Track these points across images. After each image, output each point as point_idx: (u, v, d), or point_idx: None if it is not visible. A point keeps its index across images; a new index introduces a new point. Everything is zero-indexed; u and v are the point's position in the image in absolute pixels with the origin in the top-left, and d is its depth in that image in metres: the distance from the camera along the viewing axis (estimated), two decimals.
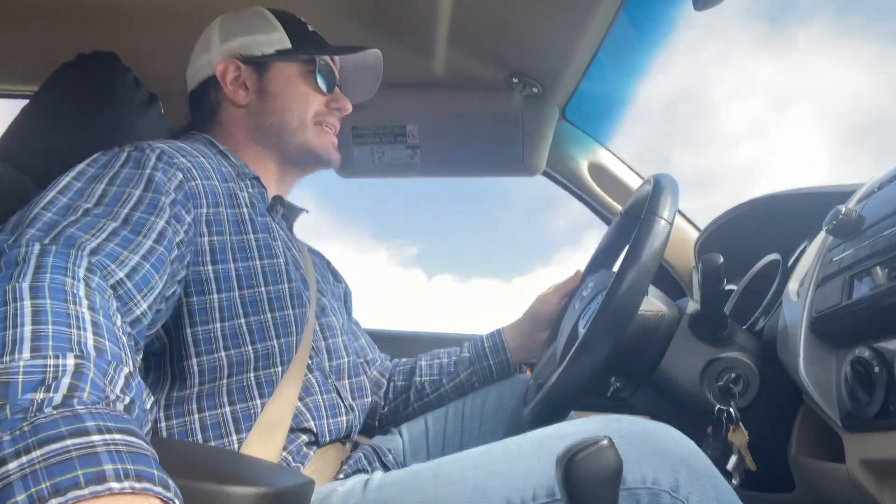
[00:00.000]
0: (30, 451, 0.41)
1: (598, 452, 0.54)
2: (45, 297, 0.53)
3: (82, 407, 0.45)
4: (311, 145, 1.08)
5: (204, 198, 0.86)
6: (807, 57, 39.66)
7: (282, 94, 1.07)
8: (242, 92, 1.06)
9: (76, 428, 0.43)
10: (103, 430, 0.44)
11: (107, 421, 0.45)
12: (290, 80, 1.07)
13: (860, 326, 0.72)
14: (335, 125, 1.12)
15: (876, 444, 0.68)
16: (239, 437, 0.83)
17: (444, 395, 1.22)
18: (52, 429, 0.42)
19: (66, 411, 0.44)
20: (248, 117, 1.07)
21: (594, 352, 0.85)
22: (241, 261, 0.88)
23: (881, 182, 0.85)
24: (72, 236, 0.64)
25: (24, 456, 0.40)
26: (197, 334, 0.81)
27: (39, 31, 1.35)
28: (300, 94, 1.07)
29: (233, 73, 1.06)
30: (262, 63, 1.07)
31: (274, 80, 1.07)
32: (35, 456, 0.41)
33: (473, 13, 1.32)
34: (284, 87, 1.07)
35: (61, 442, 0.42)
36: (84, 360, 0.49)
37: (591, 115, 1.69)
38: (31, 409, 0.43)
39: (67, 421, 0.43)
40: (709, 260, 0.92)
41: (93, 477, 0.40)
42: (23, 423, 0.42)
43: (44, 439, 0.41)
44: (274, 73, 1.07)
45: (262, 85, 1.07)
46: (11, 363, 0.46)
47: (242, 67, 1.07)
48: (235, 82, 1.06)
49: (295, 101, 1.07)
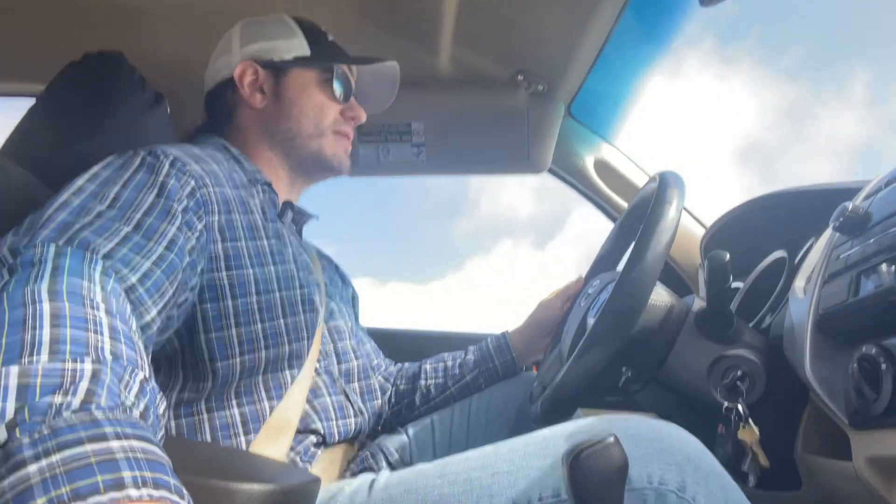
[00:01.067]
0: (49, 455, 0.41)
1: (604, 450, 0.54)
2: (64, 301, 0.53)
3: (100, 412, 0.45)
4: (324, 153, 1.08)
5: (216, 205, 0.86)
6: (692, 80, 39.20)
7: (298, 100, 1.07)
8: (259, 95, 1.07)
9: (95, 433, 0.43)
10: (121, 437, 0.44)
11: (124, 427, 0.45)
12: (307, 86, 1.08)
13: (867, 323, 0.72)
14: (349, 134, 1.12)
15: (883, 442, 0.68)
16: (247, 437, 0.83)
17: (451, 396, 1.23)
18: (71, 433, 0.42)
19: (84, 416, 0.44)
20: (263, 121, 1.07)
21: (605, 341, 0.85)
22: (257, 266, 0.88)
23: (888, 179, 0.84)
24: (85, 239, 0.64)
25: (44, 459, 0.41)
26: (211, 341, 0.82)
27: (46, 30, 1.36)
28: (316, 102, 1.08)
29: (250, 76, 1.07)
30: (280, 68, 1.08)
31: (291, 86, 1.07)
32: (55, 460, 0.41)
33: (479, 10, 1.32)
34: (301, 94, 1.07)
35: (80, 447, 0.42)
36: (101, 364, 0.49)
37: (596, 112, 1.69)
38: (50, 412, 0.44)
39: (86, 426, 0.43)
40: (715, 257, 0.91)
41: (112, 483, 0.40)
42: (42, 427, 0.42)
43: (63, 443, 0.42)
44: (291, 79, 1.08)
45: (279, 90, 1.07)
46: (30, 366, 0.46)
47: (260, 71, 1.07)
48: (252, 85, 1.07)
49: (311, 107, 1.07)
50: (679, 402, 0.97)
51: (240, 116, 1.08)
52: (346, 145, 1.12)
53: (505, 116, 1.59)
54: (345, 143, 1.11)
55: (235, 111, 1.09)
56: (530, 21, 1.35)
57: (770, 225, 1.22)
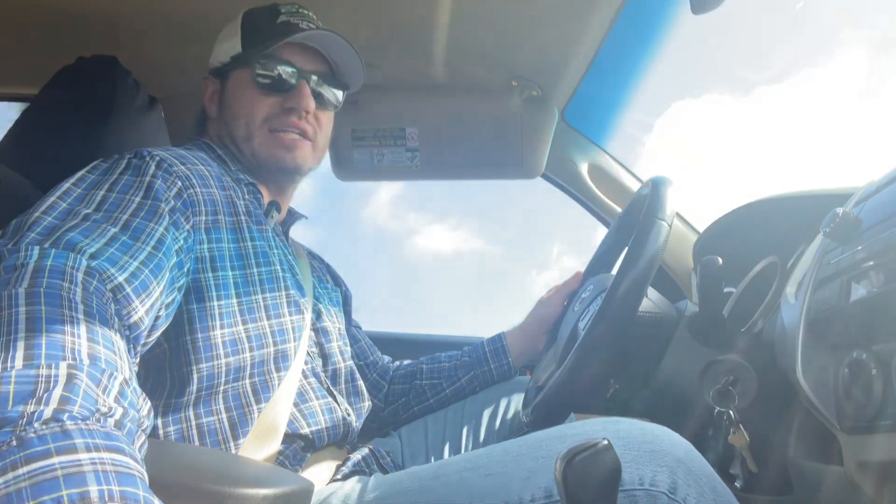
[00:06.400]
0: (17, 468, 0.40)
1: (597, 454, 0.55)
2: (41, 304, 0.53)
3: (72, 423, 0.45)
4: (259, 155, 1.02)
5: (202, 205, 0.86)
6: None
7: (234, 104, 1.04)
8: (214, 106, 1.06)
9: (64, 445, 0.43)
10: (91, 449, 0.43)
11: (96, 438, 0.44)
12: (242, 86, 1.03)
13: (858, 329, 0.72)
14: (296, 126, 1.02)
15: (873, 446, 0.68)
16: (236, 442, 0.83)
17: (445, 398, 1.23)
18: (40, 444, 0.42)
19: (55, 426, 0.44)
20: (221, 129, 1.06)
21: (594, 353, 0.85)
22: (239, 268, 0.88)
23: (879, 185, 0.85)
24: (71, 240, 0.64)
25: (11, 472, 0.40)
26: (197, 341, 0.81)
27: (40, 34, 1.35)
28: (248, 100, 1.02)
29: (211, 87, 1.07)
30: (222, 74, 1.06)
31: (230, 90, 1.05)
32: (21, 473, 0.40)
33: (473, 16, 1.32)
34: (235, 95, 1.04)
35: (48, 459, 0.41)
36: (77, 369, 0.49)
37: (590, 118, 1.69)
38: (21, 422, 0.43)
39: (56, 437, 0.43)
40: (707, 262, 0.92)
41: (77, 497, 0.40)
42: (11, 438, 0.42)
43: (31, 455, 0.41)
44: (232, 83, 1.05)
45: (223, 97, 1.06)
46: (3, 373, 0.46)
47: (212, 81, 1.07)
48: (212, 97, 1.07)
49: (243, 108, 1.02)
50: (671, 405, 0.98)
51: (207, 127, 1.09)
52: (285, 141, 1.02)
53: (499, 121, 1.60)
54: (284, 138, 1.01)
55: (205, 122, 1.09)
56: (525, 27, 1.36)
57: (762, 230, 1.22)
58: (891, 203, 0.76)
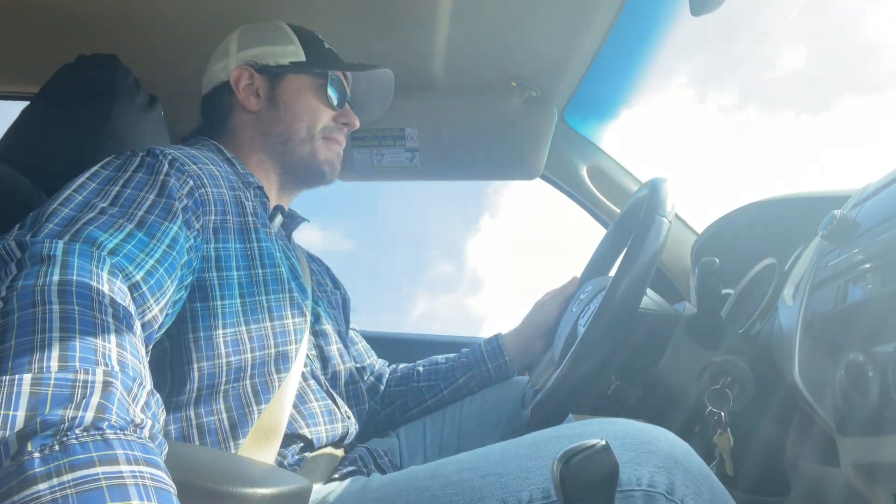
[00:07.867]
0: (61, 474, 0.41)
1: (595, 455, 0.55)
2: (73, 303, 0.53)
3: (112, 432, 0.45)
4: (316, 157, 1.09)
5: (212, 205, 0.87)
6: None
7: (292, 105, 1.08)
8: (254, 99, 1.08)
9: (106, 455, 0.43)
10: (131, 461, 0.44)
11: (134, 450, 0.45)
12: (301, 91, 1.09)
13: (855, 331, 0.72)
14: (341, 141, 1.13)
15: (870, 448, 0.68)
16: (236, 442, 0.83)
17: (443, 399, 1.23)
18: (83, 452, 0.42)
19: (96, 435, 0.44)
20: (257, 124, 1.08)
21: (594, 351, 0.85)
22: (244, 269, 0.89)
23: (876, 187, 0.85)
24: (91, 234, 0.65)
25: (56, 478, 0.40)
26: (199, 340, 0.82)
27: (40, 32, 1.35)
28: (310, 107, 1.09)
29: (246, 80, 1.08)
30: (275, 73, 1.09)
31: (286, 91, 1.09)
32: (66, 480, 0.40)
33: (473, 16, 1.32)
34: (295, 98, 1.08)
35: (92, 469, 0.42)
36: (111, 376, 0.49)
37: (590, 119, 1.70)
38: (62, 426, 0.43)
39: (98, 446, 0.43)
40: (706, 264, 0.92)
41: None
42: (53, 442, 0.42)
43: (75, 463, 0.41)
44: (286, 84, 1.09)
45: (274, 94, 1.08)
46: (41, 374, 0.46)
47: (256, 75, 1.08)
48: (248, 89, 1.08)
49: (305, 112, 1.08)
50: (669, 406, 0.98)
51: (235, 120, 1.09)
52: (337, 151, 1.12)
53: (498, 122, 1.60)
54: (336, 148, 1.12)
55: (231, 115, 1.09)
56: (524, 27, 1.36)
57: (760, 232, 1.22)
58: (889, 205, 0.77)
